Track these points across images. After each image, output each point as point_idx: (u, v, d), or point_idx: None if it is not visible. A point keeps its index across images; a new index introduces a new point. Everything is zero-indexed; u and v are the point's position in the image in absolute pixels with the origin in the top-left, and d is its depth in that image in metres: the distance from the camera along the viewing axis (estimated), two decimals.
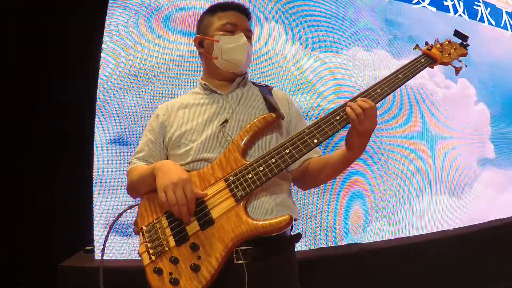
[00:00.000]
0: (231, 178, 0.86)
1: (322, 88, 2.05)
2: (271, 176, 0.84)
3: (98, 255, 1.59)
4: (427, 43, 1.00)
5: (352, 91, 2.11)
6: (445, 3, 2.79)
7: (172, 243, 0.83)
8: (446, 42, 1.02)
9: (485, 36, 2.94)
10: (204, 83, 1.06)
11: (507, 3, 3.24)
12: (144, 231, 0.87)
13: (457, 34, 1.04)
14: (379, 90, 0.89)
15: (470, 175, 2.52)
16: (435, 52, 0.97)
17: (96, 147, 1.64)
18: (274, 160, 0.85)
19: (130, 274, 1.38)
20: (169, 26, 1.81)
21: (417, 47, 1.00)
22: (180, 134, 0.98)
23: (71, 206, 1.78)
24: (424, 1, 2.68)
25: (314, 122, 0.88)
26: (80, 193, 1.72)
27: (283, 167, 0.84)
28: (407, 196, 2.21)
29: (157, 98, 1.73)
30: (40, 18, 1.77)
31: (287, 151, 0.85)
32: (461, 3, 2.88)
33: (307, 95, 2.01)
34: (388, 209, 2.12)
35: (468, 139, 2.57)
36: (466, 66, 1.00)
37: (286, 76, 1.99)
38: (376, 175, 2.11)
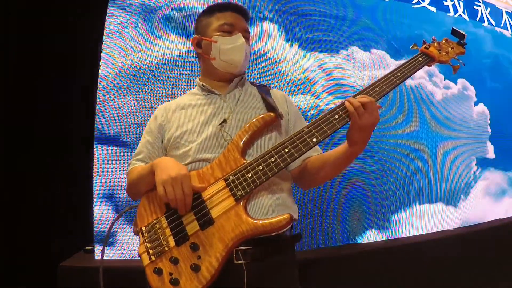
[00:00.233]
0: (231, 177, 0.86)
1: (320, 89, 2.05)
2: (270, 175, 0.84)
3: (98, 255, 1.59)
4: (424, 42, 1.00)
5: (351, 91, 2.11)
6: (445, 3, 2.79)
7: (172, 243, 0.83)
8: (444, 41, 1.02)
9: (485, 36, 2.94)
10: (202, 84, 1.06)
11: (507, 3, 3.24)
12: (144, 232, 0.87)
13: (454, 32, 1.03)
14: (378, 89, 0.89)
15: (470, 175, 2.52)
16: (433, 51, 0.97)
17: (96, 147, 1.64)
18: (273, 159, 0.85)
19: (130, 274, 1.38)
20: (167, 27, 1.81)
21: (415, 45, 1.00)
22: (178, 135, 0.98)
23: (71, 206, 1.78)
24: (424, 1, 2.67)
25: (313, 121, 0.88)
26: (80, 193, 1.72)
27: (283, 166, 0.84)
28: (407, 196, 2.21)
29: (156, 98, 1.72)
30: (40, 18, 1.77)
31: (287, 150, 0.85)
32: (461, 3, 2.88)
33: (307, 95, 2.01)
34: (388, 209, 2.12)
35: (467, 139, 2.56)
36: (463, 64, 1.00)
37: (284, 76, 1.98)
38: (376, 175, 2.11)
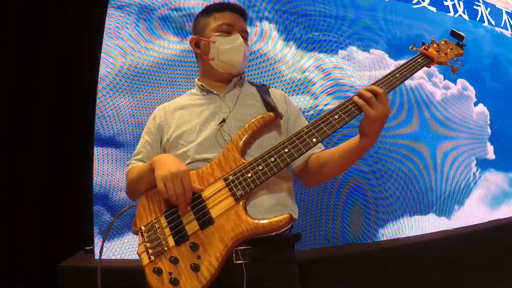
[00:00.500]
0: (230, 177, 0.86)
1: (319, 89, 2.04)
2: (270, 175, 0.84)
3: (98, 255, 1.59)
4: (423, 43, 1.00)
5: (350, 91, 2.10)
6: (445, 3, 2.79)
7: (172, 243, 0.83)
8: (443, 42, 1.02)
9: (485, 36, 2.94)
10: (201, 84, 1.06)
11: (507, 3, 3.24)
12: (143, 231, 0.87)
13: (453, 34, 1.04)
14: None
15: (470, 175, 2.52)
16: (432, 52, 0.97)
17: (96, 147, 1.64)
18: (273, 159, 0.85)
19: (130, 274, 1.38)
20: (167, 27, 1.80)
21: (414, 46, 1.00)
22: (177, 135, 0.98)
23: (71, 206, 1.77)
24: (424, 1, 2.67)
25: (313, 121, 0.88)
26: (80, 193, 1.72)
27: (282, 166, 0.84)
28: (407, 196, 2.21)
29: (156, 98, 1.72)
30: (40, 18, 1.77)
31: (286, 150, 0.85)
32: (461, 3, 2.88)
33: (306, 95, 2.00)
34: (388, 209, 2.12)
35: (467, 139, 2.56)
36: (462, 66, 1.00)
37: (282, 76, 1.98)
38: (376, 175, 2.11)
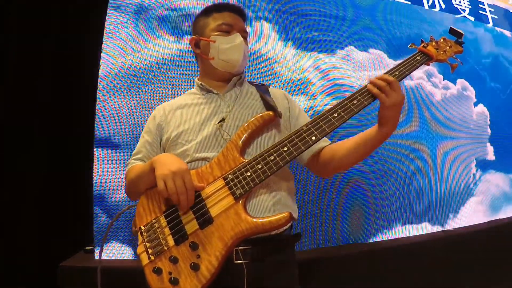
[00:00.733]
0: (230, 176, 0.86)
1: (318, 90, 2.04)
2: (269, 174, 0.84)
3: (98, 255, 1.59)
4: (422, 41, 1.00)
5: (350, 91, 2.10)
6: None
7: (171, 242, 0.83)
8: (442, 40, 1.02)
9: (485, 36, 2.94)
10: (201, 84, 1.06)
11: (507, 3, 3.24)
12: (143, 231, 0.87)
13: (452, 31, 1.04)
14: None
15: (469, 176, 2.52)
16: (431, 50, 0.97)
17: (95, 147, 1.64)
18: (272, 158, 0.85)
19: (130, 274, 1.38)
20: (165, 27, 1.80)
21: (413, 45, 1.00)
22: (177, 134, 0.98)
23: (71, 206, 1.77)
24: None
25: (313, 119, 0.88)
26: (80, 193, 1.72)
27: (282, 165, 0.84)
28: (408, 196, 2.21)
29: (156, 98, 1.72)
30: (40, 18, 1.77)
31: (286, 148, 0.85)
32: (465, 2, 2.89)
33: (304, 96, 1.99)
34: (388, 209, 2.12)
35: (467, 139, 2.56)
36: (461, 63, 1.00)
37: (281, 77, 1.97)
38: (376, 175, 2.11)
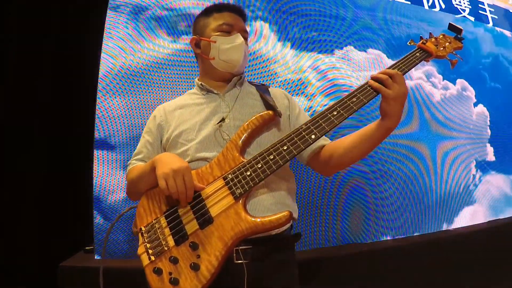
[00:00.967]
0: (230, 176, 0.86)
1: (317, 90, 2.03)
2: (269, 173, 0.84)
3: (98, 255, 1.59)
4: (421, 37, 0.99)
5: (347, 90, 2.09)
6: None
7: (172, 242, 0.83)
8: (441, 36, 1.01)
9: (485, 36, 2.93)
10: (201, 84, 1.06)
11: (507, 3, 3.24)
12: (143, 232, 0.87)
13: (451, 27, 1.03)
14: None
15: (469, 176, 2.51)
16: (430, 46, 0.96)
17: (96, 147, 1.64)
18: (272, 157, 0.85)
19: (131, 274, 1.38)
20: (166, 27, 1.80)
21: (412, 41, 0.99)
22: (177, 134, 0.98)
23: (71, 206, 1.77)
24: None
25: (312, 118, 0.88)
26: (80, 193, 1.72)
27: (281, 164, 0.84)
28: (407, 196, 2.21)
29: (155, 98, 1.72)
30: (40, 18, 1.77)
31: (285, 147, 0.85)
32: (465, 2, 2.89)
33: (301, 96, 1.99)
34: (388, 209, 2.12)
35: (467, 139, 2.55)
36: (461, 59, 1.00)
37: (278, 77, 1.96)
38: (376, 175, 2.11)
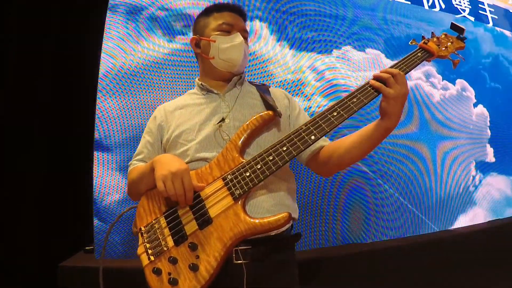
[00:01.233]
0: (229, 176, 0.86)
1: (317, 90, 2.04)
2: (268, 173, 0.83)
3: (98, 255, 1.59)
4: (423, 37, 0.98)
5: (345, 90, 2.09)
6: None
7: (171, 243, 0.83)
8: (443, 36, 1.00)
9: (485, 35, 2.93)
10: (201, 83, 1.06)
11: (507, 3, 3.24)
12: (143, 232, 0.87)
13: (453, 27, 1.01)
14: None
15: (469, 177, 2.51)
16: (432, 46, 0.95)
17: (96, 147, 1.64)
18: (271, 157, 0.85)
19: (130, 274, 1.38)
20: (165, 27, 1.80)
21: (413, 41, 0.98)
22: (177, 134, 0.98)
23: (71, 206, 1.77)
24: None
25: (312, 119, 0.88)
26: (80, 193, 1.72)
27: (281, 165, 0.84)
28: (407, 196, 2.21)
29: (156, 98, 1.72)
30: (40, 18, 1.77)
31: (285, 148, 0.85)
32: (465, 2, 2.89)
33: (301, 96, 1.99)
34: (388, 209, 2.12)
35: (466, 139, 2.55)
36: (463, 59, 0.99)
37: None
38: (376, 175, 2.11)
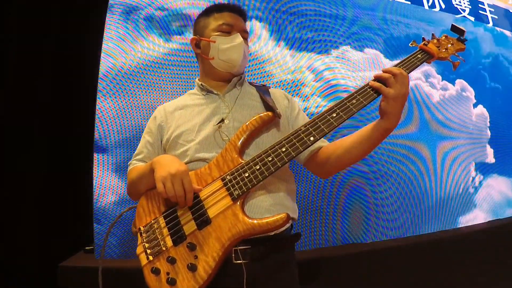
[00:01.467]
0: (228, 177, 0.86)
1: (317, 91, 2.03)
2: (267, 174, 0.83)
3: (98, 255, 1.59)
4: (423, 38, 0.98)
5: (344, 90, 2.09)
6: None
7: (170, 243, 0.83)
8: (443, 37, 1.00)
9: (484, 35, 2.93)
10: (201, 84, 1.06)
11: (507, 3, 3.23)
12: (142, 232, 0.87)
13: (454, 28, 1.01)
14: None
15: (469, 177, 2.51)
16: (432, 47, 0.95)
17: (96, 147, 1.64)
18: (270, 158, 0.85)
19: (130, 274, 1.38)
20: (165, 27, 1.80)
21: (414, 43, 0.97)
22: (177, 134, 0.98)
23: (71, 206, 1.78)
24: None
25: (311, 120, 0.88)
26: (80, 193, 1.72)
27: (280, 165, 0.84)
28: (407, 196, 2.20)
29: (156, 98, 1.72)
30: (40, 18, 1.78)
31: (284, 149, 0.85)
32: (465, 2, 2.88)
33: (300, 97, 1.99)
34: (388, 209, 2.11)
35: (466, 139, 2.55)
36: (464, 61, 0.98)
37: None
38: (376, 175, 2.11)
